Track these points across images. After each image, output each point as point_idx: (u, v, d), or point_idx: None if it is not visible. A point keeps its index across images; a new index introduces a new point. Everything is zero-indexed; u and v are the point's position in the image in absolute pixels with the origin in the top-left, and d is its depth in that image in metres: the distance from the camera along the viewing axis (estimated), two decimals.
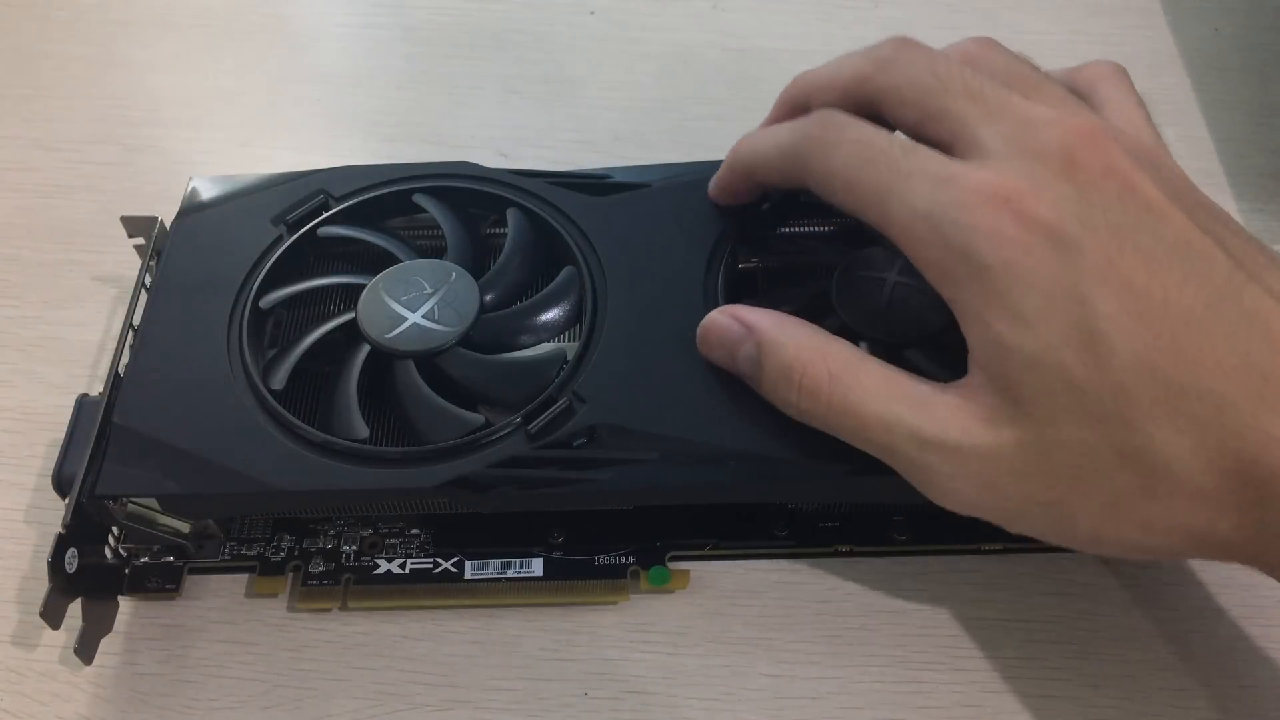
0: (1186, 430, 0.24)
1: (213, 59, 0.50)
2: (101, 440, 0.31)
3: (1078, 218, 0.24)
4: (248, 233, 0.36)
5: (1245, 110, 0.47)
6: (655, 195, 0.36)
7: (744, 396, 0.31)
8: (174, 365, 0.33)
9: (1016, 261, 0.25)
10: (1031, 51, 0.30)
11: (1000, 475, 0.26)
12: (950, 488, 0.27)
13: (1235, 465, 0.24)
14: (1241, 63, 0.49)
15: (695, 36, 0.51)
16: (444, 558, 0.34)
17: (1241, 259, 0.25)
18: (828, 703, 0.32)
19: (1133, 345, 0.24)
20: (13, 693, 0.32)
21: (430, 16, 0.52)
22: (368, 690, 0.32)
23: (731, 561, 0.34)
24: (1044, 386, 0.25)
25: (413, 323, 0.33)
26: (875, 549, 0.34)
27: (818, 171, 0.29)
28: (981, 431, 0.26)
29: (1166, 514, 0.25)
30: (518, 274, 0.35)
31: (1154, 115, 0.46)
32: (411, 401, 0.32)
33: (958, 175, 0.26)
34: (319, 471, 0.30)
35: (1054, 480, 0.25)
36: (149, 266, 0.36)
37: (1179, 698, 0.31)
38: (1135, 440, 0.24)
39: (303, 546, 0.34)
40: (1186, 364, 0.24)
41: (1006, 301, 0.25)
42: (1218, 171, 0.44)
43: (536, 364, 0.33)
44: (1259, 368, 0.23)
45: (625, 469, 0.31)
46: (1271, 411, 0.23)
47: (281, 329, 0.36)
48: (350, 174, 0.37)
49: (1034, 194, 0.25)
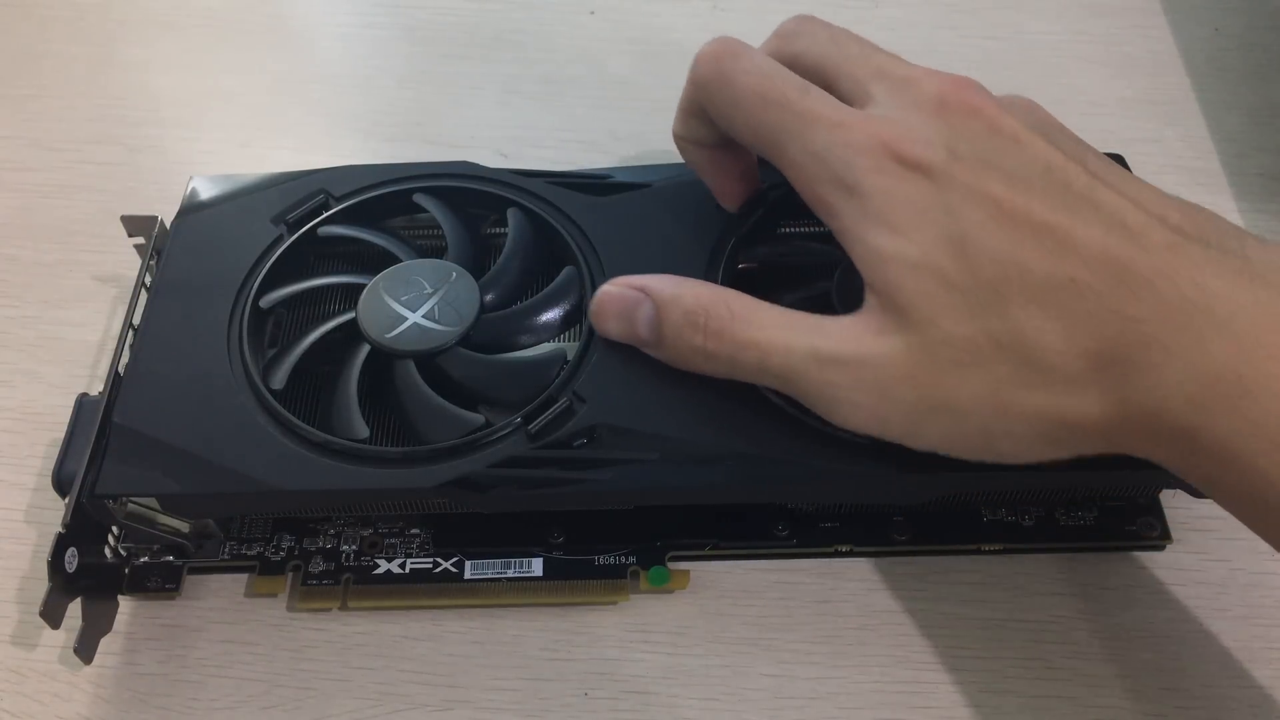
0: (1055, 317, 0.26)
1: (213, 59, 0.50)
2: (101, 439, 0.31)
3: (947, 149, 0.27)
4: (248, 232, 0.36)
5: (1245, 110, 0.47)
6: (656, 195, 0.36)
7: (744, 397, 0.31)
8: (174, 365, 0.33)
9: (892, 187, 0.28)
10: (1032, 51, 0.30)
11: (894, 382, 0.27)
12: (851, 401, 0.28)
13: (1098, 347, 0.25)
14: (1241, 63, 0.49)
15: (695, 36, 0.50)
16: (444, 557, 0.34)
17: (1101, 174, 0.27)
18: (828, 703, 0.32)
19: (1000, 245, 0.26)
20: (13, 693, 0.32)
21: (430, 16, 0.52)
22: (368, 690, 0.32)
23: (731, 561, 0.34)
24: (924, 289, 0.27)
25: (413, 322, 0.33)
26: (875, 549, 0.34)
27: (717, 98, 0.31)
28: (873, 342, 0.28)
29: (1044, 404, 0.26)
30: (518, 274, 0.35)
31: (1154, 115, 0.47)
32: (411, 401, 0.32)
33: (847, 121, 0.29)
34: (318, 471, 0.30)
35: (940, 377, 0.27)
36: (149, 266, 0.37)
37: (1179, 698, 0.31)
38: (1009, 329, 0.26)
39: (303, 546, 0.34)
40: (1050, 259, 0.26)
41: (884, 217, 0.28)
42: (1218, 171, 0.44)
43: (537, 364, 0.33)
44: (1117, 258, 0.26)
45: (625, 469, 0.31)
46: (1128, 294, 0.25)
47: (282, 328, 0.36)
48: (351, 174, 0.37)
49: (910, 136, 0.28)
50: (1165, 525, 0.34)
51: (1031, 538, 0.34)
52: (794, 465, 0.30)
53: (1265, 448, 0.24)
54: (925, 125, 0.28)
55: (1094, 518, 0.34)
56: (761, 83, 0.30)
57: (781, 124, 0.30)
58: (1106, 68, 0.48)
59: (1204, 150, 0.45)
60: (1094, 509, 0.34)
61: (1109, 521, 0.34)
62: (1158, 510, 0.34)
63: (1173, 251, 0.25)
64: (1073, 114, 0.30)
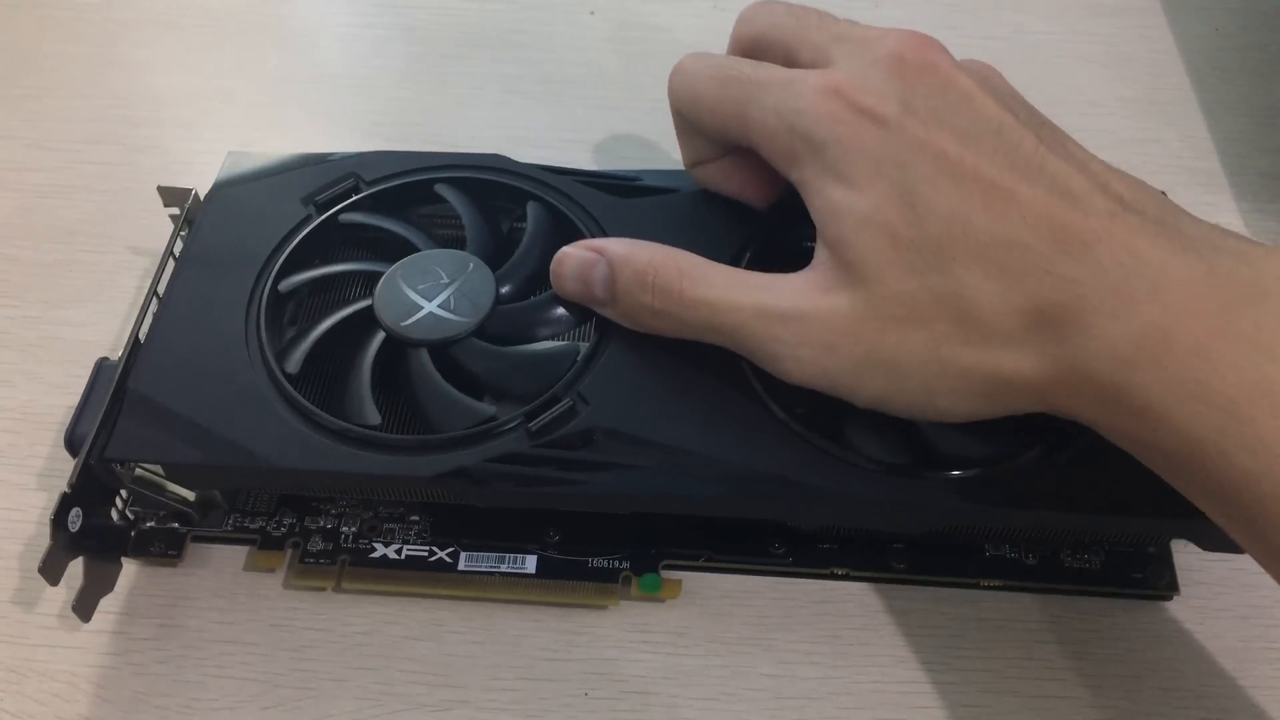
0: (995, 276, 0.26)
1: (213, 59, 0.50)
2: (116, 404, 0.31)
3: (901, 102, 0.28)
4: (278, 210, 0.36)
5: (1245, 110, 0.47)
6: (681, 201, 0.36)
7: (747, 411, 0.31)
8: (193, 337, 0.33)
9: (847, 138, 0.28)
10: (1032, 51, 0.30)
11: (839, 336, 0.28)
12: (796, 355, 0.29)
13: (1034, 305, 0.26)
14: (1241, 63, 0.49)
15: (695, 36, 0.51)
16: (440, 547, 0.34)
17: (1049, 142, 0.28)
18: (828, 703, 0.32)
19: (948, 203, 0.27)
20: (13, 693, 0.32)
21: (430, 16, 0.52)
22: (368, 690, 0.32)
23: (725, 575, 0.34)
24: (872, 244, 0.28)
25: (428, 312, 0.33)
26: (872, 574, 0.34)
27: (683, 98, 0.33)
28: (820, 297, 0.28)
29: (981, 359, 0.27)
30: (535, 266, 0.35)
31: (1154, 115, 0.47)
32: (424, 390, 0.32)
33: (802, 77, 0.30)
34: (320, 453, 0.31)
35: (884, 332, 0.28)
36: (180, 236, 0.37)
37: (1179, 698, 0.32)
38: (950, 286, 0.27)
39: (303, 524, 0.35)
40: (994, 218, 0.27)
41: (839, 169, 0.28)
42: (1218, 171, 0.44)
43: (549, 358, 0.33)
44: (1058, 220, 0.26)
45: (621, 474, 0.30)
46: (1066, 256, 0.26)
47: (302, 308, 0.36)
48: (383, 159, 0.38)
49: (863, 86, 0.28)
50: (1174, 575, 0.33)
51: (1033, 576, 0.33)
52: (793, 484, 0.30)
53: (1182, 400, 0.24)
54: (881, 79, 0.29)
55: (1100, 561, 0.33)
56: (716, 69, 0.32)
57: (741, 95, 0.31)
58: (1106, 68, 0.48)
59: (1204, 150, 0.45)
60: (1101, 552, 0.34)
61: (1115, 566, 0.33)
62: (1167, 558, 0.34)
63: (1112, 218, 0.26)
64: (1073, 114, 0.30)
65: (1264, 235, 0.42)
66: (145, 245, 0.42)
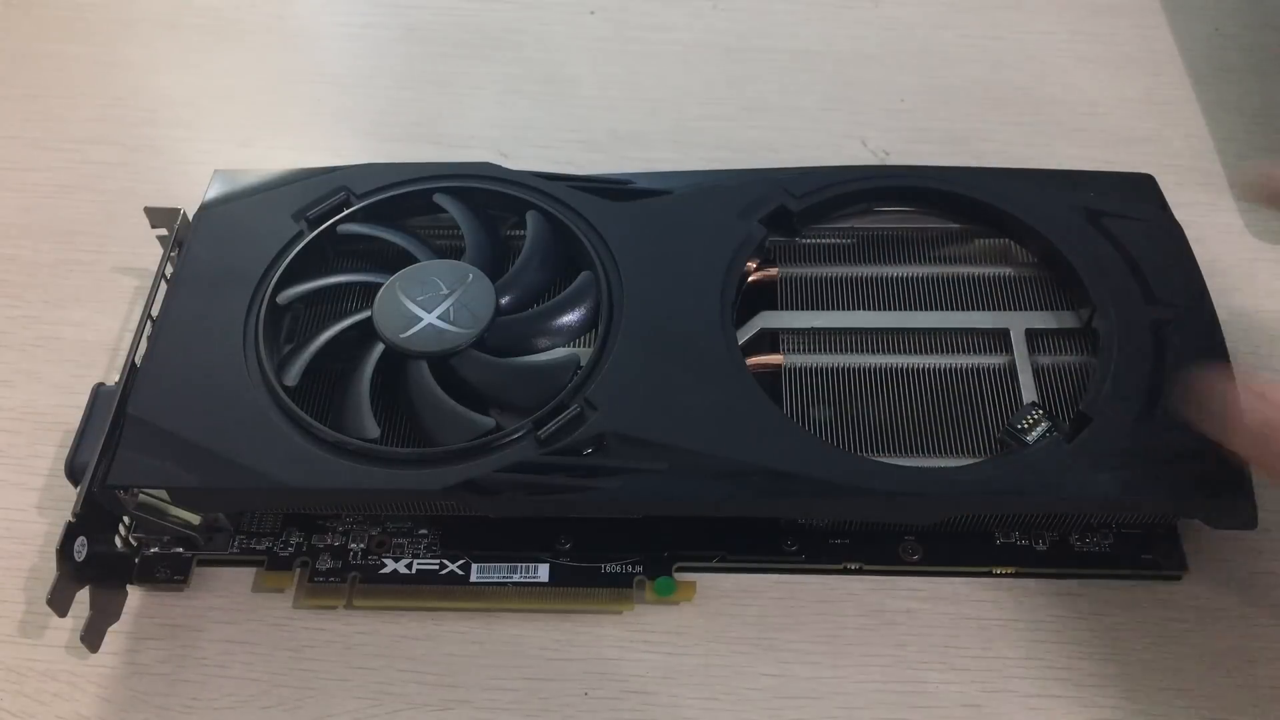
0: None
1: (213, 59, 0.50)
2: (115, 430, 0.31)
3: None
4: (268, 228, 0.36)
5: (1245, 110, 0.47)
6: (675, 202, 0.36)
7: (755, 410, 0.31)
8: (190, 358, 0.33)
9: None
10: (1032, 51, 0.30)
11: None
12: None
13: None
14: (1241, 63, 0.49)
15: (695, 36, 0.51)
16: (451, 560, 0.34)
17: None
18: (828, 703, 0.32)
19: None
20: (13, 692, 0.32)
21: (430, 16, 0.52)
22: (368, 690, 0.32)
23: (739, 575, 0.34)
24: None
25: (428, 323, 0.33)
26: (885, 568, 0.34)
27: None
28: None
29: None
30: (535, 277, 0.35)
31: (1154, 115, 0.46)
32: (423, 402, 0.32)
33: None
34: (328, 470, 0.31)
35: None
36: (170, 257, 0.37)
37: (1179, 697, 0.31)
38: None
39: (311, 543, 0.34)
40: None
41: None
42: (1218, 171, 0.44)
43: (550, 369, 0.33)
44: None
45: (633, 479, 0.30)
46: None
47: (300, 323, 0.36)
48: (372, 171, 0.37)
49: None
50: (1182, 554, 0.33)
51: (1045, 562, 0.33)
52: (804, 481, 0.30)
53: None
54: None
55: (1109, 544, 0.34)
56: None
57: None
58: (1106, 68, 0.48)
59: (1204, 150, 0.45)
60: (1110, 535, 0.34)
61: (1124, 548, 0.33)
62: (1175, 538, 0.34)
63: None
64: (1073, 114, 0.30)
65: (1264, 235, 0.42)
66: (145, 245, 0.42)
